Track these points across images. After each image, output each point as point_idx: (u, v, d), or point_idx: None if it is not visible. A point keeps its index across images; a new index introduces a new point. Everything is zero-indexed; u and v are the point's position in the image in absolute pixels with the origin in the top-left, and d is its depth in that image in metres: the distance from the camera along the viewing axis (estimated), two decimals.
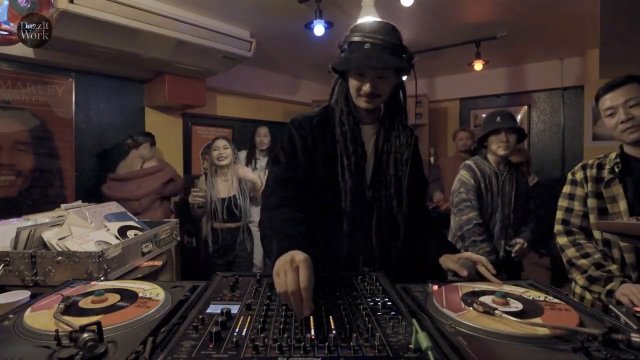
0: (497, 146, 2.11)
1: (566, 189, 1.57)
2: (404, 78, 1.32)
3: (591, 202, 1.46)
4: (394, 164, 1.25)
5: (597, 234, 1.45)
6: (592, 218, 1.46)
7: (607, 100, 1.42)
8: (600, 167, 1.47)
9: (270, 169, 1.29)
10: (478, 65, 3.84)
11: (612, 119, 1.41)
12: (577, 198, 1.51)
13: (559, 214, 1.56)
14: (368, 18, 2.59)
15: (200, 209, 2.86)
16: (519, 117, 4.70)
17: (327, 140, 1.23)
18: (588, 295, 1.46)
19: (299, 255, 0.83)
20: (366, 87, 1.16)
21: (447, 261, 1.20)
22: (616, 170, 1.40)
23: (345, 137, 1.21)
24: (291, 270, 0.79)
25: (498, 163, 2.18)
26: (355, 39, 1.15)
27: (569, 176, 1.58)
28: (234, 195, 2.91)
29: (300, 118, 1.26)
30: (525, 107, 4.65)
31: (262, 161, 3.76)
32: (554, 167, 4.48)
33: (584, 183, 1.50)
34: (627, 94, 1.37)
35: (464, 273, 1.10)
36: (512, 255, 2.11)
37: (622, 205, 1.37)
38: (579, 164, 1.56)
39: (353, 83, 1.19)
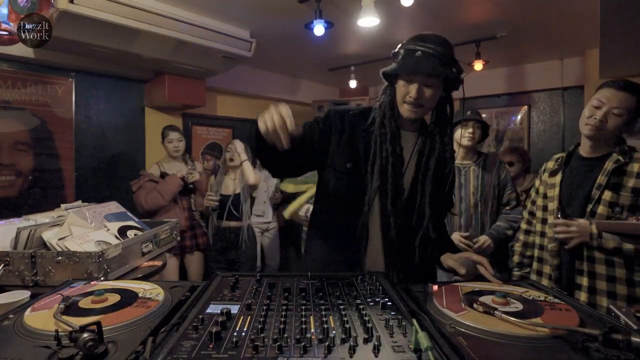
0: (463, 135, 2.22)
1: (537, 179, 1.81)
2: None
3: (541, 188, 1.71)
4: (435, 174, 1.26)
5: (539, 214, 1.71)
6: (540, 201, 1.71)
7: (604, 94, 1.48)
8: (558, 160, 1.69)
9: None
10: (478, 65, 3.84)
11: (592, 109, 1.50)
12: (534, 188, 1.80)
13: (527, 203, 1.86)
14: (370, 19, 2.59)
15: (214, 211, 2.96)
16: (518, 117, 4.70)
17: (359, 137, 1.26)
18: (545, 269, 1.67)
19: (283, 105, 0.99)
20: (413, 93, 1.18)
21: (448, 259, 1.21)
22: (560, 162, 1.64)
23: (384, 138, 1.23)
24: (274, 108, 0.96)
25: (463, 157, 2.25)
26: (409, 46, 1.19)
27: (542, 167, 1.80)
28: (238, 194, 2.95)
29: (338, 109, 1.32)
30: (525, 107, 4.65)
31: None
32: None
33: (541, 173, 1.74)
34: (620, 101, 1.45)
35: (462, 271, 1.11)
36: None
37: (556, 191, 1.61)
38: (554, 156, 1.76)
39: (400, 89, 1.22)
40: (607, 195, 1.45)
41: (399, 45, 1.24)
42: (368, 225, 1.24)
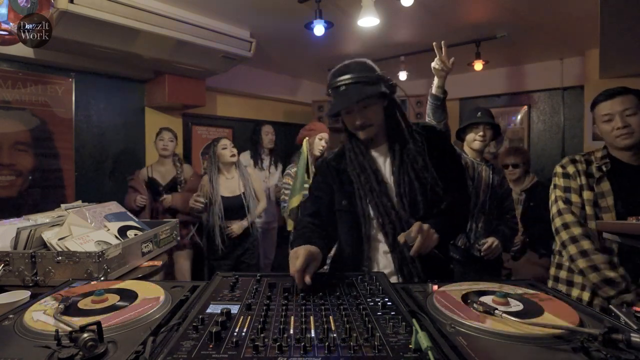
0: (474, 139, 2.20)
1: (560, 181, 1.64)
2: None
3: (587, 194, 1.56)
4: (414, 174, 1.29)
5: (592, 224, 1.53)
6: (589, 210, 1.54)
7: (606, 107, 1.53)
8: (589, 162, 1.60)
9: (302, 205, 1.46)
10: (478, 65, 3.84)
11: (608, 124, 1.53)
12: (573, 190, 1.59)
13: (560, 206, 1.60)
14: (370, 19, 2.59)
15: (200, 214, 2.94)
16: (518, 117, 4.70)
17: (343, 176, 1.37)
18: (585, 297, 1.52)
19: (300, 249, 1.04)
20: (357, 122, 1.28)
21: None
22: (604, 169, 1.54)
23: (361, 169, 1.33)
24: (294, 258, 1.01)
25: (474, 156, 2.25)
26: (333, 85, 1.28)
27: (560, 169, 1.66)
28: (240, 195, 2.93)
29: (325, 158, 1.48)
30: (525, 107, 4.65)
31: (266, 161, 3.77)
32: (553, 168, 4.46)
33: (577, 176, 1.60)
34: (624, 103, 1.48)
35: (402, 240, 1.14)
36: (482, 254, 2.11)
37: (610, 200, 1.51)
38: (567, 158, 1.67)
39: (346, 122, 1.34)
40: None
41: (329, 84, 1.30)
42: (371, 257, 1.33)
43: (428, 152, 1.31)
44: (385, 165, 1.35)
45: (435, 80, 2.00)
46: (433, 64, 1.95)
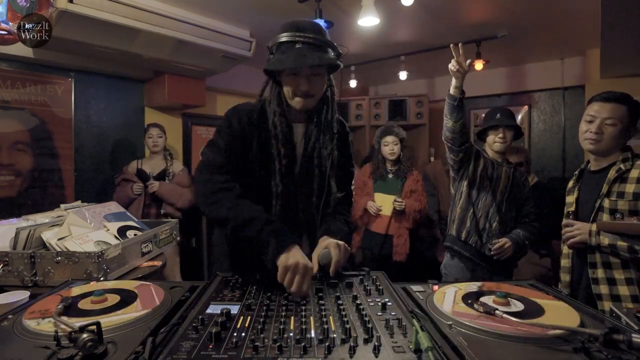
0: (494, 141, 2.20)
1: None
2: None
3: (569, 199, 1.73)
4: (319, 161, 1.25)
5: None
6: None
7: (594, 108, 1.56)
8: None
9: (206, 151, 1.27)
10: (478, 65, 3.83)
11: (587, 124, 1.57)
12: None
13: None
14: (370, 18, 2.59)
15: None
16: (519, 117, 4.69)
17: (262, 137, 1.23)
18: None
19: (303, 260, 0.96)
20: (303, 87, 1.16)
21: (317, 249, 1.15)
22: (574, 180, 1.68)
23: (278, 138, 1.21)
24: (299, 274, 0.92)
25: (496, 157, 2.25)
26: (285, 39, 1.14)
27: None
28: None
29: (241, 109, 1.28)
30: (526, 107, 4.64)
31: None
32: (554, 167, 4.47)
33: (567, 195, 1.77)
34: (610, 112, 1.51)
35: (315, 259, 1.08)
36: (491, 253, 2.10)
37: (573, 208, 1.63)
38: None
39: (288, 84, 1.19)
40: (607, 203, 1.49)
41: (275, 38, 1.18)
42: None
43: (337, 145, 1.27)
44: (300, 145, 1.27)
45: (453, 81, 2.00)
46: (450, 66, 1.96)
